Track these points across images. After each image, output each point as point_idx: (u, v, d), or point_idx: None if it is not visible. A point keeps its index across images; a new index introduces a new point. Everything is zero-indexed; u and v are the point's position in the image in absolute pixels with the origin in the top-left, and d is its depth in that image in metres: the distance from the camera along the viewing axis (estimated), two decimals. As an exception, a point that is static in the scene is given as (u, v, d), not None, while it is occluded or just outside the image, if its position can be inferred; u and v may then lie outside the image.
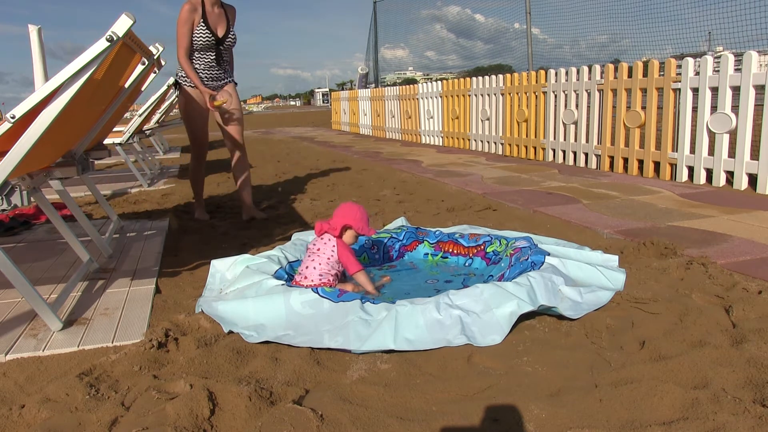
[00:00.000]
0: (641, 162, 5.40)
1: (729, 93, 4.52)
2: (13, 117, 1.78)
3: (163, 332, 1.92)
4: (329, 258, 2.30)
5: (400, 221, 3.22)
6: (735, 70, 4.48)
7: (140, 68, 2.78)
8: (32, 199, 2.46)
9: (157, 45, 2.93)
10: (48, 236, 3.57)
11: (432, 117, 9.67)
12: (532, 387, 1.57)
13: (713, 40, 8.48)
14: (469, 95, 8.30)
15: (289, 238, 2.97)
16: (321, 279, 2.28)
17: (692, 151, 4.88)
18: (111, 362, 1.76)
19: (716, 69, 4.62)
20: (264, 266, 2.39)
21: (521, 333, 1.92)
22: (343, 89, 26.92)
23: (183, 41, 3.64)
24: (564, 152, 6.44)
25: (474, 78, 8.21)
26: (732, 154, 4.54)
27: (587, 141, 6.06)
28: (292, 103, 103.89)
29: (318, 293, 2.01)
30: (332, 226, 2.35)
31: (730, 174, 4.60)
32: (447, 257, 2.87)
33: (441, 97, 9.24)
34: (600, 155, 5.88)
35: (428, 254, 2.92)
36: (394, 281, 2.53)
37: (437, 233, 2.95)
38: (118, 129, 5.92)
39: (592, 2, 9.99)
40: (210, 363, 1.75)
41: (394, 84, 19.13)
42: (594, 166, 5.97)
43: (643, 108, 5.29)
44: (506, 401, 1.49)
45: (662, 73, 5.15)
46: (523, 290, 1.98)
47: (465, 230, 2.96)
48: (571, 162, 6.32)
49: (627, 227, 3.34)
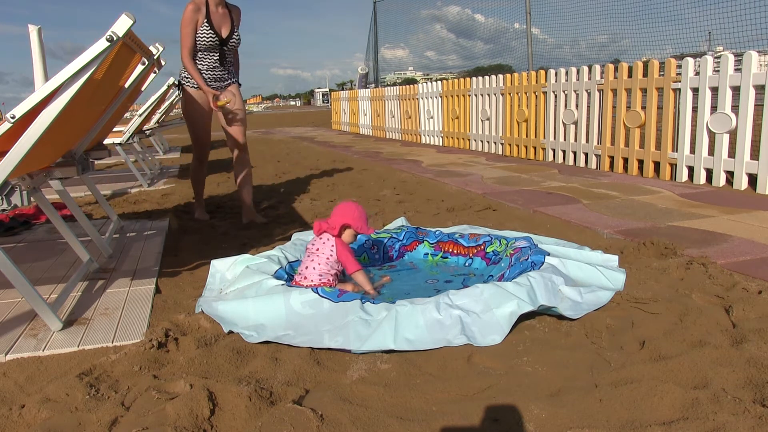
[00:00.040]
0: (641, 162, 5.40)
1: (729, 93, 4.52)
2: (13, 117, 1.78)
3: (163, 332, 1.92)
4: (328, 258, 2.30)
5: (400, 221, 3.22)
6: (735, 70, 4.48)
7: (140, 68, 2.78)
8: (32, 199, 2.46)
9: (157, 45, 2.93)
10: (48, 236, 3.57)
11: (432, 117, 9.67)
12: (532, 387, 1.57)
13: (713, 40, 8.48)
14: (469, 95, 8.30)
15: (289, 238, 2.98)
16: (321, 279, 2.27)
17: (692, 151, 4.88)
18: (111, 362, 1.76)
19: (716, 69, 4.62)
20: (264, 266, 2.39)
21: (521, 333, 1.92)
22: (343, 89, 26.92)
23: (186, 41, 3.60)
24: (564, 152, 6.44)
25: (474, 78, 8.21)
26: (732, 154, 4.54)
27: (587, 141, 6.06)
28: (292, 103, 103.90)
29: (318, 293, 2.01)
30: (331, 226, 2.35)
31: (730, 174, 4.60)
32: (447, 257, 2.87)
33: (441, 97, 9.24)
34: (600, 155, 5.88)
35: (428, 254, 2.92)
36: (394, 281, 2.53)
37: (437, 233, 2.95)
38: (118, 129, 5.92)
39: (592, 2, 10.01)
40: (210, 363, 1.75)
41: (394, 84, 19.14)
42: (594, 166, 5.97)
43: (643, 108, 5.29)
44: (506, 401, 1.49)
45: (662, 73, 5.15)
46: (523, 290, 1.98)
47: (465, 230, 2.96)
48: (571, 162, 6.32)
49: (627, 227, 3.34)
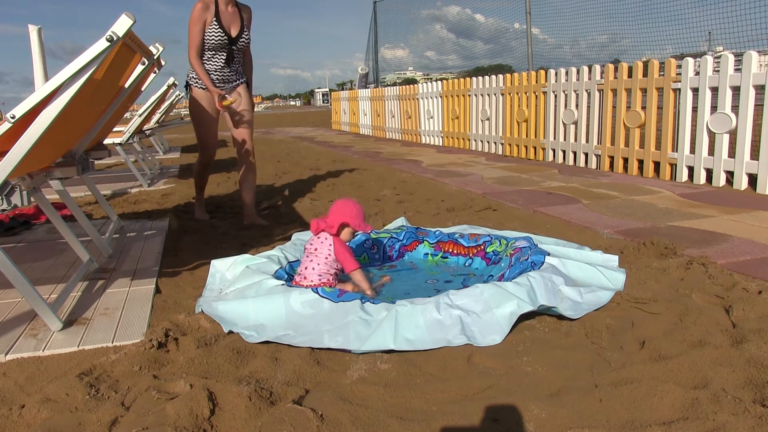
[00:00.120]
0: (641, 162, 5.40)
1: (729, 93, 4.52)
2: (13, 117, 1.78)
3: (163, 332, 1.92)
4: (327, 257, 2.30)
5: (400, 221, 3.22)
6: (735, 70, 4.48)
7: (140, 68, 2.78)
8: (32, 199, 2.46)
9: (157, 45, 2.92)
10: (48, 236, 3.57)
11: (432, 117, 9.67)
12: (532, 387, 1.57)
13: (713, 40, 8.49)
14: (469, 95, 8.30)
15: (289, 238, 2.97)
16: (320, 279, 2.27)
17: (692, 151, 4.88)
18: (111, 362, 1.76)
19: (716, 69, 4.62)
20: (264, 266, 2.39)
21: (521, 333, 1.92)
22: (343, 89, 26.92)
23: (194, 40, 3.54)
24: (564, 152, 6.44)
25: (474, 78, 8.21)
26: (732, 154, 4.55)
27: (587, 141, 6.06)
28: (292, 103, 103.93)
29: (318, 293, 2.01)
30: (329, 225, 2.33)
31: (730, 174, 4.60)
32: (447, 257, 2.87)
33: (441, 97, 9.24)
34: (600, 155, 5.88)
35: (428, 254, 2.92)
36: (394, 281, 2.53)
37: (437, 233, 2.95)
38: (118, 129, 5.92)
39: (592, 2, 10.01)
40: (210, 363, 1.75)
41: (394, 84, 19.14)
42: (594, 166, 5.97)
43: (643, 108, 5.29)
44: (506, 401, 1.49)
45: (662, 73, 5.15)
46: (523, 290, 1.98)
47: (465, 230, 2.96)
48: (571, 162, 6.32)
49: (627, 227, 3.34)
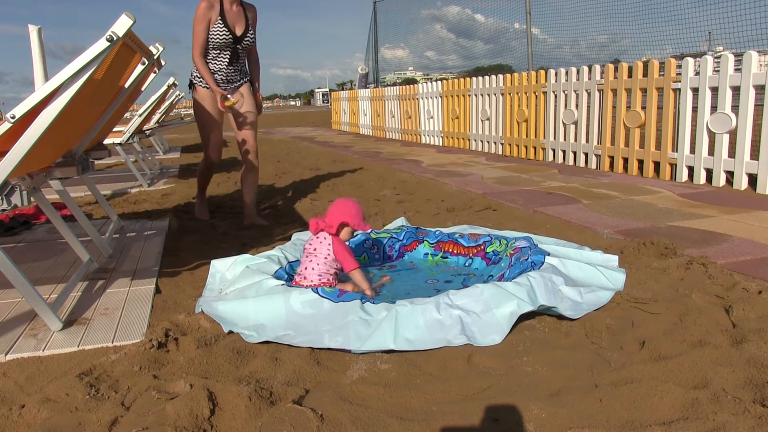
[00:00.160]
0: (641, 162, 5.40)
1: (729, 93, 4.52)
2: (13, 117, 1.78)
3: (163, 332, 1.92)
4: (326, 257, 2.29)
5: (400, 221, 3.22)
6: (735, 70, 4.48)
7: (140, 68, 2.78)
8: (32, 199, 2.46)
9: (157, 45, 2.92)
10: (48, 236, 3.57)
11: (432, 117, 9.67)
12: (532, 387, 1.57)
13: (713, 40, 8.49)
14: (469, 95, 8.30)
15: (289, 238, 2.97)
16: (320, 279, 2.27)
17: (692, 151, 4.88)
18: (111, 362, 1.76)
19: (716, 69, 4.62)
20: (264, 266, 2.39)
21: (521, 333, 1.92)
22: (343, 89, 26.92)
23: (198, 39, 3.52)
24: (564, 152, 6.44)
25: (474, 78, 8.21)
26: (732, 154, 4.55)
27: (587, 141, 6.06)
28: (292, 103, 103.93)
29: (318, 293, 2.01)
30: (328, 224, 2.33)
31: (730, 174, 4.60)
32: (447, 257, 2.87)
33: (441, 97, 9.24)
34: (600, 155, 5.88)
35: (428, 254, 2.92)
36: (394, 281, 2.53)
37: (437, 233, 2.95)
38: (118, 129, 5.92)
39: (592, 2, 10.02)
40: (210, 363, 1.75)
41: (394, 84, 19.14)
42: (594, 166, 5.97)
43: (643, 108, 5.29)
44: (506, 401, 1.49)
45: (662, 73, 5.15)
46: (523, 290, 1.98)
47: (465, 230, 2.96)
48: (571, 162, 6.32)
49: (627, 227, 3.34)
